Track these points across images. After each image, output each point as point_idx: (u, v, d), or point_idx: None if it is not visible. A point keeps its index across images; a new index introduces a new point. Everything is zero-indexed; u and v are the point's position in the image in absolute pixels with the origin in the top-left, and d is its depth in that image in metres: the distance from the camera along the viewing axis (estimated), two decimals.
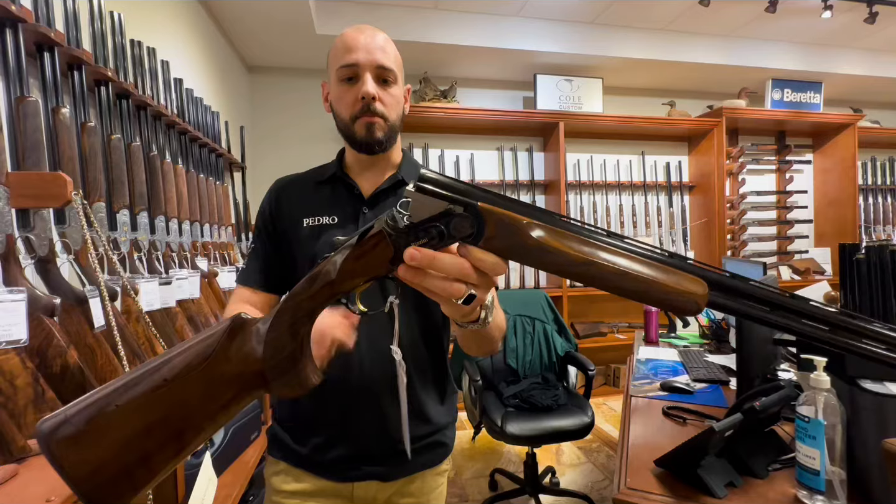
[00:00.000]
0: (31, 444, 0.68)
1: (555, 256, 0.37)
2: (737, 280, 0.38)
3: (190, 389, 0.39)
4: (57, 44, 0.97)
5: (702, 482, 0.78)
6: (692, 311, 0.37)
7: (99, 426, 0.38)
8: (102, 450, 0.38)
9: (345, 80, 0.76)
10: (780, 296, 0.37)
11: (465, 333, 0.61)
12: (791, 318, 0.37)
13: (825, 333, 0.36)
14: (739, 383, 1.12)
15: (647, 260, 0.37)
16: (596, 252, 0.37)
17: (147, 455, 0.38)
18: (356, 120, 0.76)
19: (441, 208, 0.38)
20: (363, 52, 0.75)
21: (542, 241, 0.37)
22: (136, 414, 0.39)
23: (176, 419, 0.39)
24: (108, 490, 0.37)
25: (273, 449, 0.84)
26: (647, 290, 0.36)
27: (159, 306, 1.15)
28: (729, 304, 0.38)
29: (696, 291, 0.36)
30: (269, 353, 0.41)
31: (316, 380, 0.43)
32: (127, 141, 1.25)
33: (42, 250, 0.84)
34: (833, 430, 0.73)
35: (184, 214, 1.54)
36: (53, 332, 0.78)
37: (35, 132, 0.85)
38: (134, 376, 0.40)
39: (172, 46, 1.94)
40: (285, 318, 0.42)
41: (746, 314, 0.38)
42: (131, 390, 0.39)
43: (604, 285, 0.37)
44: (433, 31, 3.04)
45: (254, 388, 0.41)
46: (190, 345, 0.42)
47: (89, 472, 0.37)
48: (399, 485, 0.81)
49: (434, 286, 0.39)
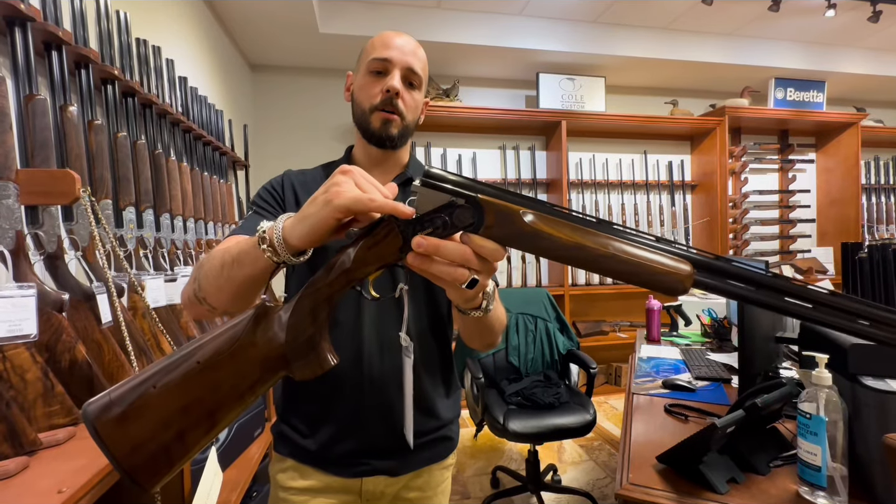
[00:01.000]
0: (41, 438, 0.68)
1: (548, 241, 0.40)
2: (721, 261, 0.40)
3: (221, 371, 0.43)
4: (65, 42, 0.98)
5: (704, 478, 0.79)
6: (678, 290, 0.39)
7: (140, 406, 0.41)
8: (143, 428, 0.41)
9: (374, 72, 0.79)
10: (763, 275, 0.39)
11: (467, 322, 0.63)
12: (774, 296, 0.39)
13: (809, 310, 0.38)
14: (741, 381, 1.12)
15: (636, 244, 0.40)
16: (587, 236, 0.40)
17: (182, 433, 0.42)
18: (374, 111, 0.78)
19: (445, 200, 0.42)
20: (398, 52, 0.78)
21: (535, 227, 0.40)
22: (173, 394, 0.42)
23: (208, 399, 0.43)
24: (148, 466, 0.41)
25: (279, 446, 0.83)
26: (636, 272, 0.39)
27: (165, 303, 1.16)
28: (715, 284, 0.40)
29: (681, 272, 0.39)
30: (290, 337, 0.45)
31: (333, 361, 0.46)
32: (133, 139, 1.26)
33: (51, 247, 0.85)
34: (834, 426, 0.73)
35: (188, 212, 1.55)
36: (62, 327, 0.79)
37: (44, 130, 0.85)
38: (171, 360, 0.43)
39: (177, 45, 1.95)
40: (306, 303, 0.46)
41: (733, 293, 0.40)
42: (170, 373, 0.42)
43: (596, 267, 0.40)
44: (436, 30, 3.04)
45: (277, 369, 0.45)
46: (220, 331, 0.45)
47: (130, 450, 0.40)
48: (406, 479, 0.82)
49: (440, 271, 0.42)
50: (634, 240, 0.40)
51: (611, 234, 0.40)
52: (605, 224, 0.41)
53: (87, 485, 0.61)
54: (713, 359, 1.59)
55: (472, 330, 0.69)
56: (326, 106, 3.39)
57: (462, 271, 0.42)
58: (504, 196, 0.41)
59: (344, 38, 2.93)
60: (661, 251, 0.40)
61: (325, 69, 3.38)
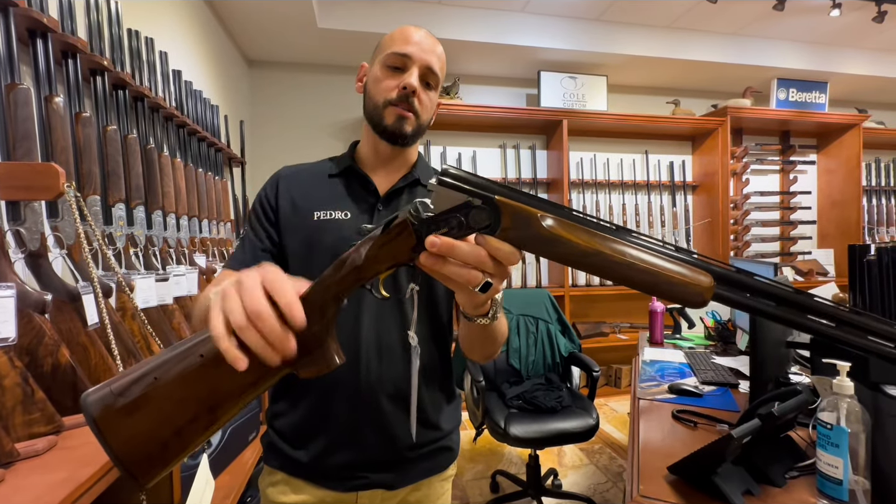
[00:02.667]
0: (19, 448, 0.64)
1: (565, 247, 0.39)
2: (742, 275, 0.39)
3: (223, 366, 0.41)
4: (50, 30, 0.94)
5: (718, 490, 0.75)
6: (698, 303, 0.38)
7: (140, 399, 0.41)
8: (142, 421, 0.40)
9: (391, 66, 0.76)
10: (786, 291, 0.38)
11: (472, 330, 0.62)
12: (796, 313, 0.37)
13: (831, 329, 0.37)
14: (753, 387, 1.09)
15: (655, 252, 0.39)
16: (605, 243, 0.39)
17: (181, 428, 0.41)
18: (388, 106, 0.76)
19: (461, 200, 0.41)
20: (418, 49, 0.76)
21: (553, 231, 0.39)
22: (174, 388, 0.41)
23: (210, 394, 0.42)
24: (145, 460, 0.40)
25: (269, 457, 0.79)
26: (654, 282, 0.38)
27: (156, 303, 1.12)
28: (735, 298, 0.38)
29: (701, 284, 0.38)
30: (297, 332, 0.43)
31: (340, 360, 0.45)
32: (123, 133, 1.21)
33: (33, 244, 0.81)
34: (856, 438, 0.70)
35: (182, 209, 1.50)
36: (44, 329, 0.75)
37: (26, 121, 0.81)
38: (174, 353, 0.43)
39: (171, 38, 1.90)
40: (314, 300, 0.44)
41: (753, 308, 0.38)
42: (172, 366, 0.42)
43: (612, 275, 0.39)
44: (436, 27, 3.00)
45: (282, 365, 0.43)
46: None
47: (129, 442, 0.40)
48: (405, 492, 0.78)
49: (453, 273, 0.41)
50: (653, 248, 0.39)
51: (629, 241, 0.39)
52: (624, 231, 0.40)
53: (68, 499, 0.57)
54: (719, 362, 1.56)
55: (475, 339, 0.67)
56: (325, 103, 3.34)
57: (476, 274, 0.41)
58: (522, 198, 0.40)
59: (343, 33, 2.89)
60: (681, 261, 0.38)
61: (324, 65, 3.33)
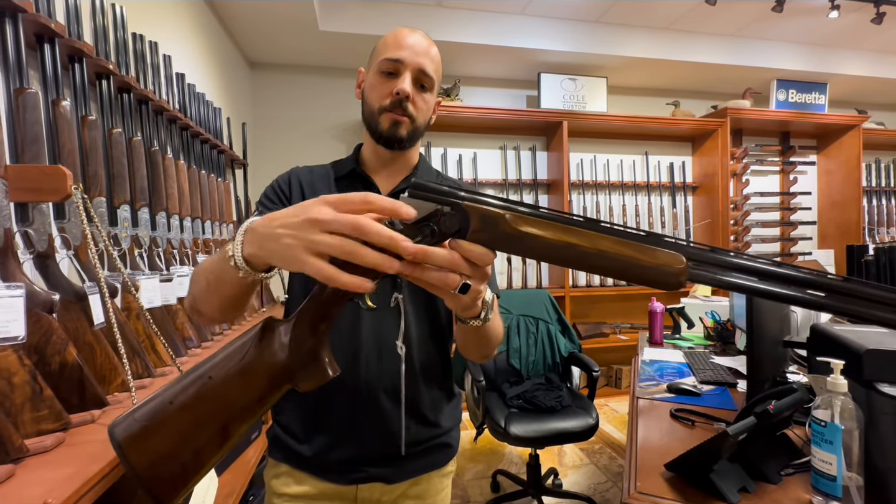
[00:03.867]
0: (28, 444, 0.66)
1: (535, 241, 0.40)
2: (717, 253, 0.39)
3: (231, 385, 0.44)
4: (57, 35, 0.96)
5: (714, 487, 0.76)
6: (674, 284, 0.38)
7: (159, 423, 0.43)
8: (161, 443, 0.43)
9: (385, 72, 0.77)
10: (765, 265, 0.37)
11: (466, 332, 0.64)
12: (781, 285, 0.37)
13: (822, 300, 0.36)
14: (750, 386, 1.10)
15: (625, 240, 0.40)
16: (574, 235, 0.40)
17: (197, 447, 0.43)
18: (384, 112, 0.77)
19: (431, 209, 0.43)
20: (410, 53, 0.76)
21: (521, 229, 0.41)
22: (188, 409, 0.43)
23: (221, 412, 0.44)
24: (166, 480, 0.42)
25: (274, 451, 0.82)
26: (626, 268, 0.39)
27: (160, 303, 1.14)
28: (713, 277, 0.38)
29: (673, 265, 0.38)
30: (292, 349, 0.46)
31: (334, 372, 0.47)
32: (128, 135, 1.23)
33: (41, 245, 0.82)
34: (850, 435, 0.71)
35: (185, 211, 1.52)
36: (52, 328, 0.76)
37: (34, 125, 0.83)
38: (188, 378, 0.45)
39: (174, 41, 1.92)
40: (306, 317, 0.46)
41: (735, 286, 0.38)
42: (185, 389, 0.44)
43: (586, 266, 0.40)
44: (436, 29, 3.01)
45: (282, 381, 0.46)
46: (230, 347, 0.47)
47: (150, 465, 0.42)
48: (404, 487, 0.80)
49: (431, 278, 0.42)
50: (625, 236, 0.40)
51: (599, 231, 0.40)
52: (593, 222, 0.41)
53: (76, 494, 0.59)
54: (717, 362, 1.57)
55: (470, 340, 0.69)
56: (326, 105, 3.36)
57: (453, 277, 0.42)
58: (489, 201, 0.42)
59: (344, 35, 2.90)
60: (654, 245, 0.39)
61: (326, 67, 3.35)
